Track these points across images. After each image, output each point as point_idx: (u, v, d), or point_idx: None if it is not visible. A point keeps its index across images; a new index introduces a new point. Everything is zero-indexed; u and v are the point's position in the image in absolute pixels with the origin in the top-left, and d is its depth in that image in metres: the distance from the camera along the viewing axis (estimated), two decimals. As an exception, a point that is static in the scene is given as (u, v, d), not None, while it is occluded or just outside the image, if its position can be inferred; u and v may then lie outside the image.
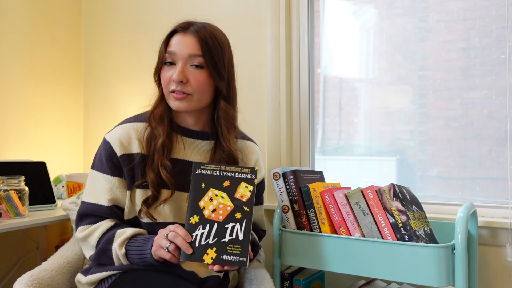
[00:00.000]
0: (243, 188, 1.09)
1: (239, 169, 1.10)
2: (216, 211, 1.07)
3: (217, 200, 1.07)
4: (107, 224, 1.18)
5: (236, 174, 1.10)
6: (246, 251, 1.05)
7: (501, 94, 1.48)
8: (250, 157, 1.34)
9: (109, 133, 1.23)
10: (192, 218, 1.06)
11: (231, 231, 1.06)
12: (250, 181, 1.09)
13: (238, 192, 1.08)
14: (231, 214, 1.07)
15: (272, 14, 1.74)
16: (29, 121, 2.00)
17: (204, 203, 1.07)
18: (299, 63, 1.78)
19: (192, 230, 1.05)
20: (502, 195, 1.47)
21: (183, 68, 1.18)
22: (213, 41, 1.20)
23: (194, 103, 1.20)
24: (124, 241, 1.14)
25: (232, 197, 1.08)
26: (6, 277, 1.89)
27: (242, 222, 1.06)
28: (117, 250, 1.13)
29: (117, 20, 2.14)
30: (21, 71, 1.97)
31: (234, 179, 1.09)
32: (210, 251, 1.04)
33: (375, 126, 1.74)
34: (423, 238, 1.21)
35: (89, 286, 1.21)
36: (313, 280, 1.50)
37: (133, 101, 2.05)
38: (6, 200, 1.41)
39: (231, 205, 1.07)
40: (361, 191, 1.26)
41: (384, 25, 1.73)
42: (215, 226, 1.06)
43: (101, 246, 1.16)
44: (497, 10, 1.50)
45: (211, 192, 1.08)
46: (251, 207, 1.08)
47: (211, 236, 1.05)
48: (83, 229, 1.20)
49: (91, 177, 1.23)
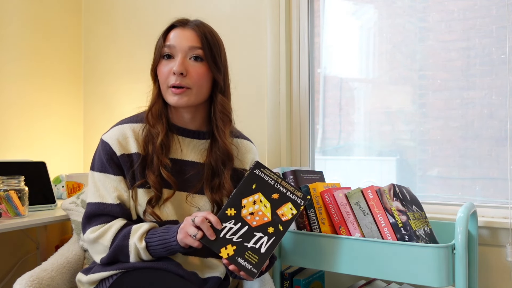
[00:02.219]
0: (288, 208, 1.10)
1: (292, 189, 1.11)
2: (253, 215, 1.08)
3: (259, 206, 1.08)
4: (120, 223, 1.16)
5: (288, 192, 1.11)
6: (261, 265, 1.05)
7: (501, 94, 1.48)
8: (246, 156, 1.34)
9: (106, 134, 1.23)
10: (229, 210, 1.07)
11: (257, 240, 1.06)
12: (297, 205, 1.10)
13: (281, 209, 1.09)
14: (265, 225, 1.07)
15: (272, 14, 1.74)
16: (29, 121, 2.00)
17: (246, 202, 1.08)
18: (299, 63, 1.78)
19: (224, 220, 1.07)
20: (502, 195, 1.47)
21: (183, 60, 1.19)
22: (211, 36, 1.23)
23: (193, 97, 1.20)
24: (142, 234, 1.13)
25: (274, 211, 1.09)
26: (6, 277, 1.89)
27: (271, 238, 1.07)
28: (137, 244, 1.12)
29: (117, 20, 2.14)
30: (21, 71, 1.97)
31: (284, 196, 1.10)
32: (229, 247, 1.05)
33: (375, 126, 1.74)
34: (423, 238, 1.21)
35: (90, 285, 1.21)
36: (313, 280, 1.50)
37: (133, 101, 2.05)
38: (6, 200, 1.41)
39: (269, 217, 1.08)
40: (361, 191, 1.26)
41: (384, 25, 1.73)
42: (245, 228, 1.07)
43: (117, 243, 1.14)
44: (497, 10, 1.50)
45: (257, 196, 1.09)
46: (286, 228, 1.08)
47: (237, 235, 1.06)
48: (94, 230, 1.17)
49: (93, 179, 1.21)
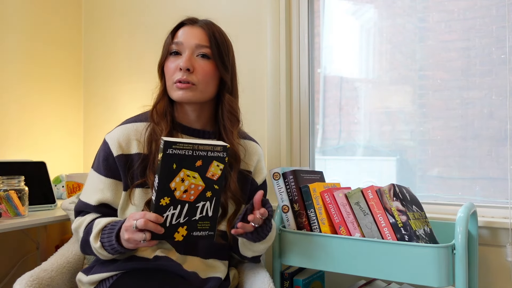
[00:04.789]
0: (215, 167, 1.07)
1: (211, 147, 1.06)
2: (187, 191, 1.05)
3: (188, 180, 1.05)
4: (92, 216, 1.21)
5: (208, 153, 1.06)
6: (214, 225, 1.08)
7: (501, 94, 1.48)
8: (252, 157, 1.34)
9: (109, 133, 1.25)
10: (162, 200, 1.04)
11: (202, 209, 1.06)
12: (221, 159, 1.07)
13: (210, 171, 1.07)
14: (202, 193, 1.06)
15: (272, 14, 1.74)
16: (29, 120, 2.00)
17: (175, 185, 1.04)
18: (299, 63, 1.78)
19: (163, 211, 1.04)
20: (502, 195, 1.47)
21: (190, 57, 1.20)
22: (220, 36, 1.24)
23: (198, 93, 1.21)
24: (98, 233, 1.14)
25: (203, 176, 1.06)
26: (6, 277, 1.88)
27: (212, 200, 1.07)
28: (93, 243, 1.14)
29: (118, 19, 2.14)
30: (21, 71, 1.97)
31: (206, 158, 1.06)
32: (181, 229, 1.05)
33: (375, 126, 1.74)
34: (423, 238, 1.21)
35: (90, 285, 1.21)
36: (313, 280, 1.50)
37: (134, 100, 2.05)
38: (6, 200, 1.41)
39: (203, 184, 1.06)
40: (361, 191, 1.26)
41: (384, 25, 1.73)
42: (186, 206, 1.05)
43: (83, 237, 1.19)
44: (497, 10, 1.50)
45: (182, 173, 1.05)
46: (221, 185, 1.07)
47: (182, 216, 1.05)
48: (75, 222, 1.25)
49: (89, 176, 1.27)
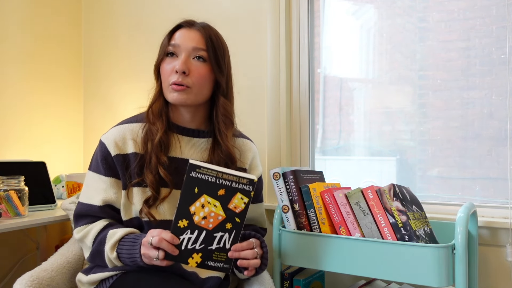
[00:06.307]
0: (238, 199, 1.04)
1: (236, 178, 1.04)
2: (206, 218, 1.03)
3: (209, 208, 1.03)
4: (101, 224, 1.18)
5: (233, 183, 1.04)
6: (231, 259, 1.05)
7: (501, 94, 1.48)
8: (246, 155, 1.36)
9: (105, 134, 1.26)
10: (180, 222, 1.03)
11: (219, 240, 1.04)
12: (247, 193, 1.04)
13: (232, 203, 1.04)
14: (222, 223, 1.04)
15: (272, 14, 1.74)
16: (29, 120, 2.00)
17: (195, 209, 1.03)
18: (299, 63, 1.78)
19: (180, 233, 1.03)
20: (502, 195, 1.47)
21: (186, 60, 1.20)
22: (216, 39, 1.24)
23: (192, 96, 1.21)
24: (115, 243, 1.13)
25: (225, 207, 1.04)
26: (6, 277, 1.88)
27: (232, 232, 1.05)
28: (109, 254, 1.13)
29: (117, 19, 2.14)
30: (21, 71, 1.97)
31: (230, 189, 1.04)
32: (195, 255, 1.03)
33: (375, 126, 1.74)
34: (423, 238, 1.21)
35: (90, 285, 1.21)
36: (313, 280, 1.50)
37: (134, 100, 2.05)
38: (6, 200, 1.41)
39: (223, 215, 1.04)
40: (361, 191, 1.26)
41: (384, 25, 1.73)
42: (204, 233, 1.04)
43: (95, 247, 1.16)
44: (497, 10, 1.50)
45: (203, 199, 1.03)
46: (243, 219, 1.05)
47: (198, 242, 1.03)
48: (79, 231, 1.21)
49: (87, 178, 1.25)
